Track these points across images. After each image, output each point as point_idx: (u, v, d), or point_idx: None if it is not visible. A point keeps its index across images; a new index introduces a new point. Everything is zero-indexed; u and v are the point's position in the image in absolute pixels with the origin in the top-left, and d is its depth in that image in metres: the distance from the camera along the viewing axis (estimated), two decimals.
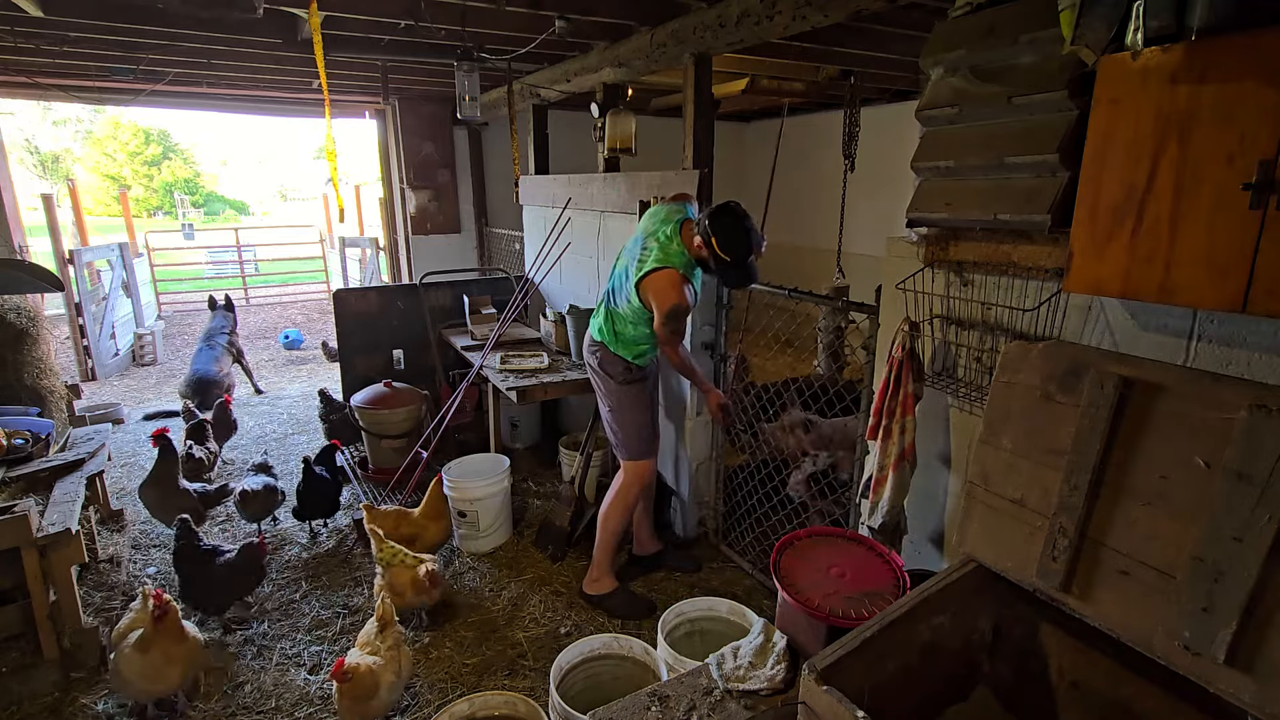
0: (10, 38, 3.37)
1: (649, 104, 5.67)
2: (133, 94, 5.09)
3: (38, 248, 6.11)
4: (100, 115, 25.39)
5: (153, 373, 6.66)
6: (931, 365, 1.90)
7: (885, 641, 1.28)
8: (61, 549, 2.34)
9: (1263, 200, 1.05)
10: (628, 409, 2.71)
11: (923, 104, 1.74)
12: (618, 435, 2.75)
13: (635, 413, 2.72)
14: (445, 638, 2.59)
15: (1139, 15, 1.14)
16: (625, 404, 2.71)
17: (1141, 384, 1.22)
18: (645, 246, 2.54)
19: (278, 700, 2.29)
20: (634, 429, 2.72)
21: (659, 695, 1.51)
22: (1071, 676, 1.41)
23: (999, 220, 1.55)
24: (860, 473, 2.30)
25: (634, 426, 2.71)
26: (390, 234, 6.85)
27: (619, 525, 2.77)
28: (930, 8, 2.59)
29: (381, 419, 3.72)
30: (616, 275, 2.68)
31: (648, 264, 2.47)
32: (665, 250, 2.47)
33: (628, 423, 2.72)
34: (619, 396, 2.71)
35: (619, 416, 2.73)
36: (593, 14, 2.95)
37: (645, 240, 2.56)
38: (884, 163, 5.35)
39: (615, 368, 2.69)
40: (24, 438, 2.86)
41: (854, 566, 1.70)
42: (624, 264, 2.63)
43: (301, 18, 3.17)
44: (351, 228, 11.86)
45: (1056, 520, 1.31)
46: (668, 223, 2.54)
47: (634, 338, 2.65)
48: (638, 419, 2.72)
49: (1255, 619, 1.05)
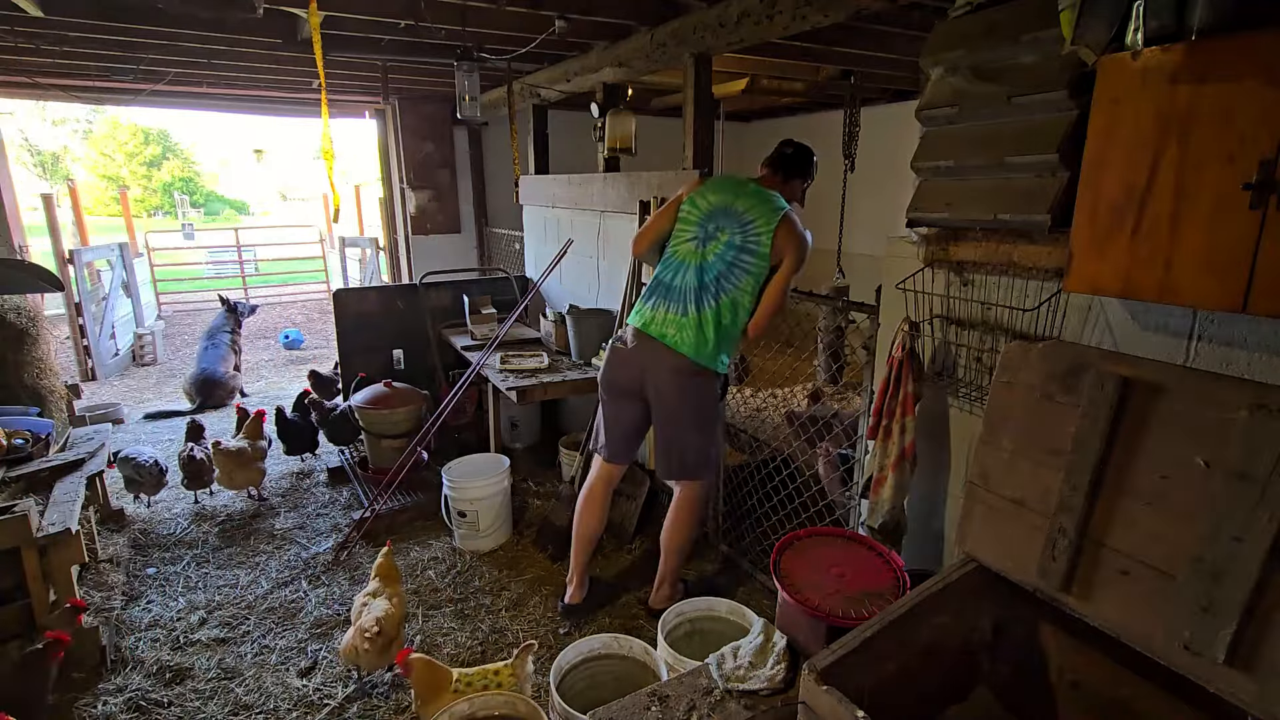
0: (10, 38, 3.37)
1: (649, 104, 5.67)
2: (133, 94, 5.09)
3: (38, 248, 6.11)
4: (99, 115, 25.39)
5: (153, 373, 6.66)
6: (931, 365, 1.90)
7: (885, 641, 1.28)
8: (61, 549, 2.34)
9: (1263, 200, 1.05)
10: (711, 425, 2.49)
11: (923, 104, 1.74)
12: (691, 457, 2.47)
13: (717, 428, 2.52)
14: (445, 638, 2.59)
15: (1139, 15, 1.14)
16: (717, 425, 2.48)
17: (1141, 384, 1.22)
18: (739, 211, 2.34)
19: (277, 700, 2.29)
20: (717, 447, 2.51)
21: (659, 695, 1.51)
22: (1071, 676, 1.41)
23: (999, 220, 1.55)
24: (861, 473, 2.30)
25: (717, 445, 2.51)
26: (390, 234, 6.85)
27: (691, 544, 2.65)
28: (930, 8, 2.59)
29: (381, 419, 3.72)
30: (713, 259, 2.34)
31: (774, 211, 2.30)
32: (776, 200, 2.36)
33: (707, 442, 2.48)
34: (712, 413, 2.46)
35: (707, 440, 2.48)
36: (593, 14, 2.95)
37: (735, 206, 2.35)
38: (884, 163, 5.36)
39: (718, 380, 2.46)
40: (24, 438, 2.86)
41: (854, 566, 1.70)
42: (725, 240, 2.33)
43: (301, 18, 3.17)
44: (351, 228, 11.86)
45: (1056, 520, 1.31)
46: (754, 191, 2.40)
47: (740, 327, 2.38)
48: (718, 434, 2.53)
49: (1255, 619, 1.05)
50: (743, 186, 2.41)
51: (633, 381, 2.48)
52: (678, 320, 2.36)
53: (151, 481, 3.51)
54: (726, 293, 2.33)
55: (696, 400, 2.41)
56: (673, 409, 2.43)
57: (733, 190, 2.40)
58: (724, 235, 2.35)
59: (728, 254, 2.33)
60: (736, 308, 2.34)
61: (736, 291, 2.33)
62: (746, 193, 2.38)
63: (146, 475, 3.46)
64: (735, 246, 2.32)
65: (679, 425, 2.44)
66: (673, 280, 2.41)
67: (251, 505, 3.65)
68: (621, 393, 2.53)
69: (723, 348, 2.37)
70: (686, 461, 2.48)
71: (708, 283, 2.34)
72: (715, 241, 2.36)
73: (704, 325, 2.33)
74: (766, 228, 2.29)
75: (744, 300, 2.34)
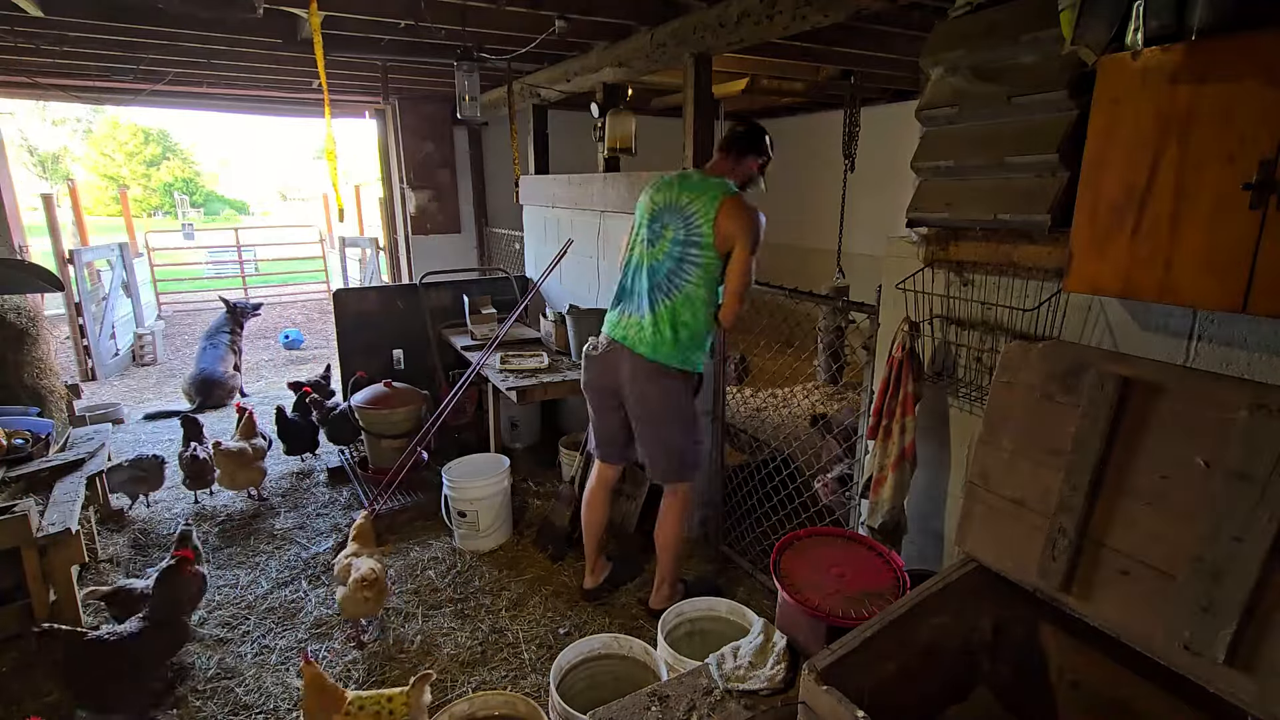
0: (10, 38, 3.37)
1: (649, 104, 5.67)
2: (133, 94, 5.09)
3: (38, 248, 6.11)
4: (99, 115, 25.42)
5: (153, 372, 6.66)
6: (931, 365, 1.90)
7: (885, 641, 1.28)
8: (61, 549, 2.34)
9: (1263, 200, 1.05)
10: (691, 426, 2.47)
11: (923, 104, 1.74)
12: (676, 460, 2.48)
13: (700, 436, 2.51)
14: (445, 638, 2.59)
15: (1139, 15, 1.14)
16: (695, 428, 2.47)
17: (1141, 384, 1.22)
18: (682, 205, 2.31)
19: (277, 700, 2.29)
20: (698, 449, 2.52)
21: (659, 695, 1.51)
22: (1071, 676, 1.41)
23: (999, 220, 1.55)
24: (861, 473, 2.30)
25: (698, 447, 2.51)
26: (390, 234, 6.85)
27: (683, 544, 2.64)
28: (930, 8, 2.59)
29: (381, 419, 3.72)
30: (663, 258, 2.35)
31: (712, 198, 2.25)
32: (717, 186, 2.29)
33: (689, 444, 2.48)
34: (689, 414, 2.45)
35: (685, 442, 2.47)
36: (593, 14, 2.95)
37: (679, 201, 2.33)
38: (884, 163, 5.36)
39: (692, 381, 2.44)
40: (24, 438, 2.86)
41: (854, 566, 1.70)
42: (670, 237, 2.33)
43: (301, 18, 3.17)
44: (351, 228, 11.87)
45: (1056, 520, 1.31)
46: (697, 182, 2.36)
47: (703, 321, 2.35)
48: (699, 433, 2.52)
49: (1255, 619, 1.05)
50: (686, 179, 2.39)
51: (606, 387, 2.52)
52: (638, 323, 2.39)
53: (154, 475, 3.51)
54: (679, 289, 2.32)
55: (668, 401, 2.40)
56: (646, 412, 2.44)
57: (677, 185, 2.38)
58: (669, 232, 2.35)
59: (674, 250, 2.33)
60: (693, 303, 2.33)
61: (689, 286, 2.31)
62: (689, 185, 2.36)
63: (149, 466, 3.47)
64: (680, 241, 2.31)
65: (655, 427, 2.45)
66: (630, 284, 2.46)
67: (251, 505, 3.65)
68: (600, 398, 2.57)
69: (688, 345, 2.37)
70: (670, 463, 2.49)
71: (659, 282, 2.35)
72: (662, 240, 2.36)
73: (660, 325, 2.34)
74: (707, 217, 2.26)
75: (698, 294, 2.32)
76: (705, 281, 2.31)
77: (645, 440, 2.50)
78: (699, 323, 2.35)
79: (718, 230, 2.25)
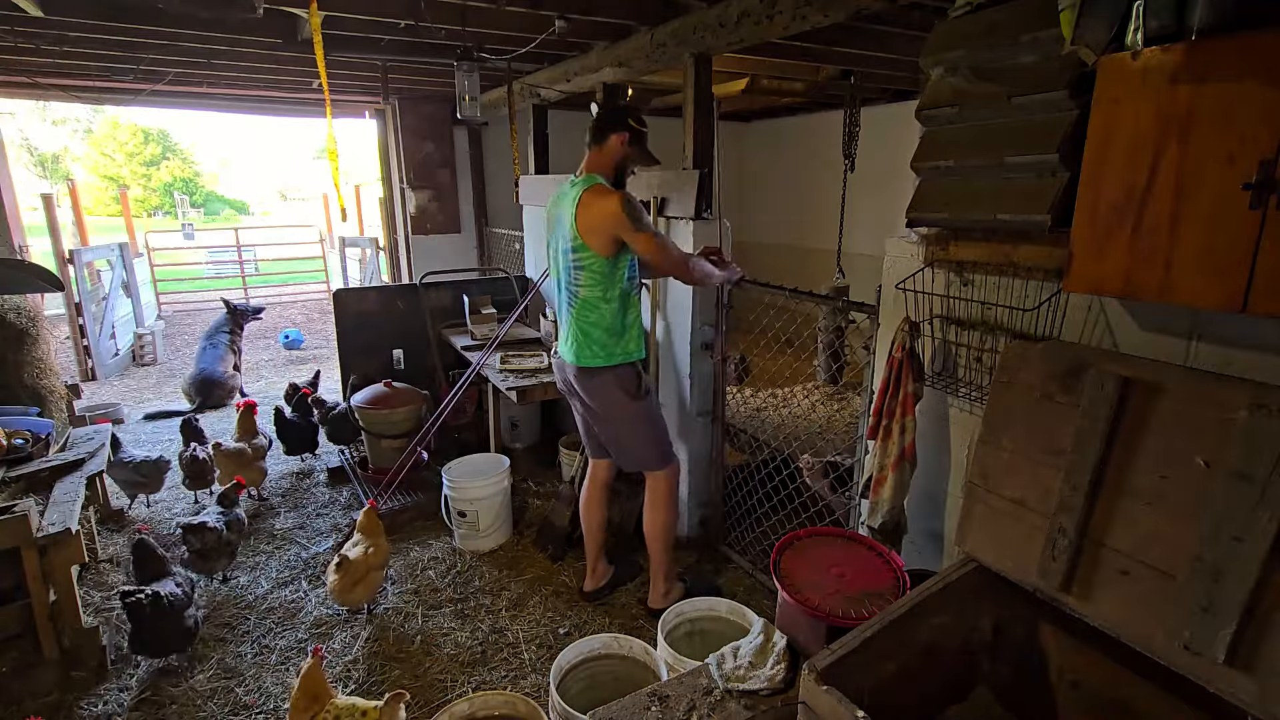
0: (10, 38, 3.37)
1: (649, 104, 5.66)
2: (133, 94, 5.09)
3: (38, 248, 6.11)
4: (99, 115, 25.42)
5: (153, 372, 6.66)
6: (931, 365, 1.90)
7: (885, 641, 1.28)
8: (61, 549, 2.33)
9: (1263, 200, 1.05)
10: (642, 421, 2.50)
11: (923, 104, 1.74)
12: (637, 450, 2.54)
13: (653, 423, 2.54)
14: (445, 638, 2.59)
15: (1139, 15, 1.14)
16: (641, 416, 2.49)
17: (1141, 384, 1.22)
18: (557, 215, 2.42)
19: (277, 700, 2.29)
20: (655, 436, 2.54)
21: (659, 695, 1.51)
22: (1071, 676, 1.41)
23: (999, 220, 1.55)
24: (861, 472, 2.30)
25: (655, 434, 2.54)
26: (390, 234, 6.85)
27: (671, 535, 2.64)
28: (930, 8, 2.59)
29: (381, 419, 3.72)
30: (561, 271, 2.44)
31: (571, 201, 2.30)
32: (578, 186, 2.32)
33: (646, 436, 2.52)
34: (635, 410, 2.47)
35: (637, 431, 2.51)
36: (593, 14, 2.95)
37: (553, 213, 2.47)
38: (884, 163, 5.36)
39: (627, 382, 2.43)
40: (24, 438, 2.86)
41: (854, 566, 1.70)
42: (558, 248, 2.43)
43: (301, 18, 3.17)
44: (351, 228, 11.86)
45: (1056, 520, 1.31)
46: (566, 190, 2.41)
47: (609, 316, 2.36)
48: (658, 426, 2.55)
49: (1255, 619, 1.05)
50: (561, 188, 2.46)
51: (565, 391, 2.68)
52: (562, 332, 2.54)
53: (155, 478, 3.51)
54: (577, 296, 2.39)
55: (607, 397, 2.48)
56: (592, 411, 2.56)
57: (554, 197, 2.50)
58: (556, 243, 2.47)
59: (563, 260, 2.42)
60: (592, 305, 2.37)
61: (584, 291, 2.37)
62: (560, 194, 2.45)
63: (150, 470, 3.47)
64: (564, 251, 2.39)
65: (605, 424, 2.57)
66: (554, 298, 2.60)
67: (251, 505, 3.65)
68: (568, 399, 2.72)
69: (604, 342, 2.40)
70: (633, 453, 2.59)
71: (564, 293, 2.46)
72: (555, 253, 2.49)
73: (573, 331, 2.44)
74: (570, 221, 2.31)
75: (594, 294, 2.36)
76: (598, 282, 2.35)
77: (605, 436, 2.63)
78: (606, 319, 2.39)
79: (580, 229, 2.29)
